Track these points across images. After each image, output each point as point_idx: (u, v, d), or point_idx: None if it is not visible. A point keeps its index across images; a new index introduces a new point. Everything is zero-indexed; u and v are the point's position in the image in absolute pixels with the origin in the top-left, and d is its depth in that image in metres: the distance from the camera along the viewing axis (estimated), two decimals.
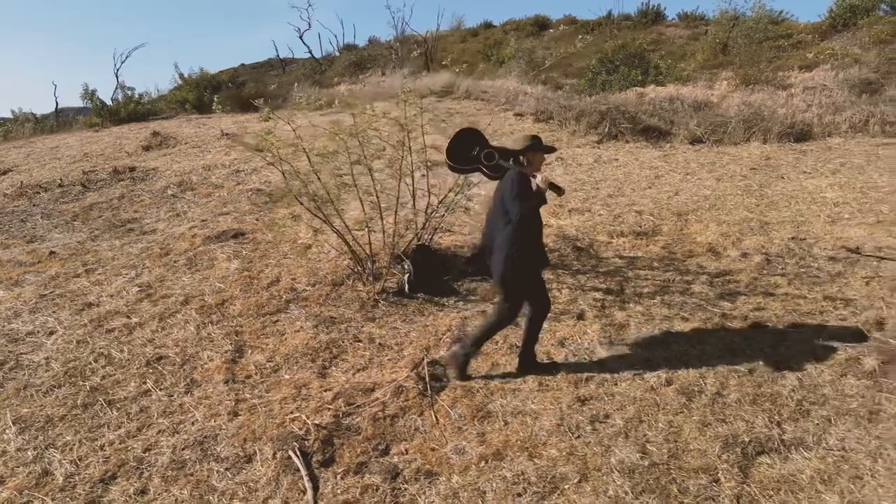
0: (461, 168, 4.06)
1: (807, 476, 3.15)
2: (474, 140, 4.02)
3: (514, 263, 3.69)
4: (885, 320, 4.41)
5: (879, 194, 6.57)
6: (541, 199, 3.64)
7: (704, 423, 3.56)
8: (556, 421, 3.63)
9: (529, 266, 3.78)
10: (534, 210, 3.64)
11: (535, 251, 3.79)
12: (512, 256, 3.68)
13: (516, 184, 3.62)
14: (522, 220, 3.60)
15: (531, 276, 3.84)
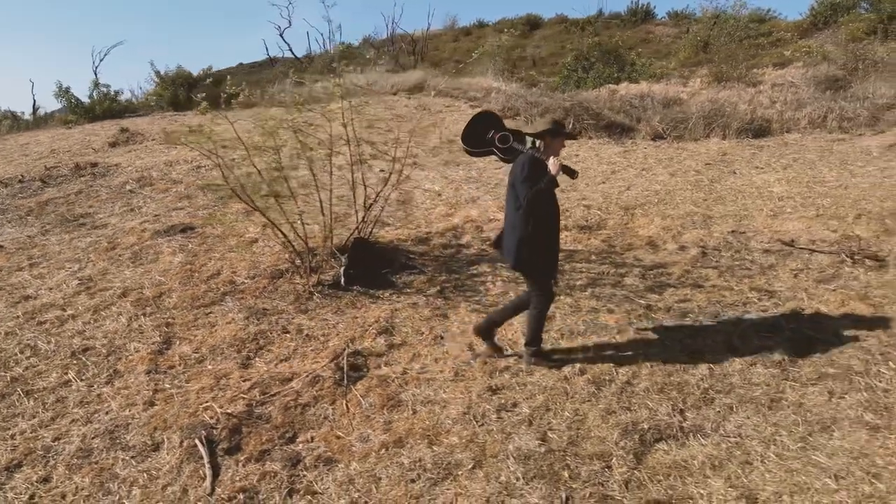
0: (475, 151, 4.03)
1: (698, 462, 3.19)
2: (490, 123, 3.97)
3: (526, 246, 3.67)
4: (803, 311, 4.45)
5: (824, 188, 6.63)
6: (551, 183, 3.57)
7: (609, 411, 3.60)
8: (462, 409, 3.66)
9: (543, 249, 3.73)
10: (544, 194, 3.58)
11: (549, 237, 3.74)
12: (524, 239, 3.66)
13: (526, 167, 3.59)
14: (531, 203, 3.57)
15: (546, 258, 3.78)
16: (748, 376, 3.83)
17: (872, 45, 13.18)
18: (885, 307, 4.37)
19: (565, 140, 3.79)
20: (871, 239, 5.38)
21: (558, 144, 3.72)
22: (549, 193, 3.64)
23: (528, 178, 3.57)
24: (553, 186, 3.61)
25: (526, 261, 3.76)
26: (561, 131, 3.70)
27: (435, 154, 8.72)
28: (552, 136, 3.68)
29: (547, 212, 3.69)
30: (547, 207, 3.68)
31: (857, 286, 4.68)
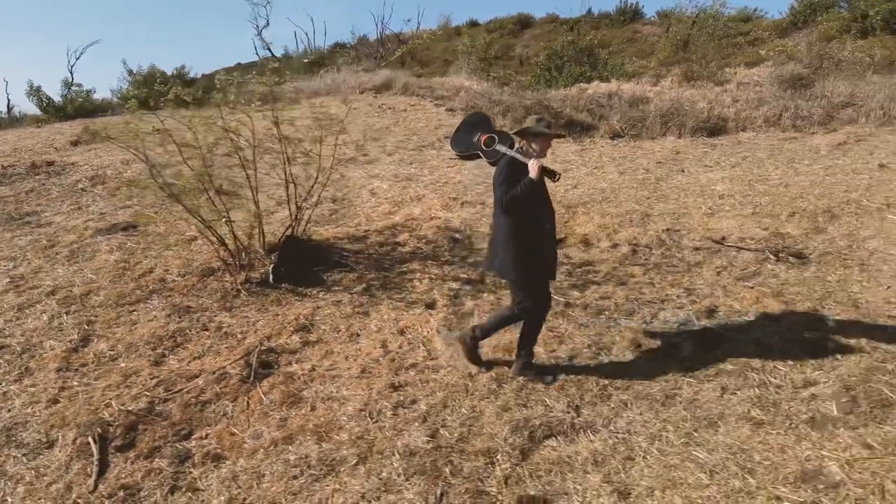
0: (463, 154, 3.87)
1: (582, 458, 3.21)
2: (479, 125, 3.86)
3: (504, 251, 3.54)
4: (717, 308, 4.47)
5: (765, 187, 6.65)
6: (529, 186, 3.36)
7: (506, 408, 3.61)
8: (360, 406, 3.67)
9: (524, 255, 3.53)
10: (523, 197, 3.37)
11: (531, 241, 3.52)
12: (501, 244, 3.54)
13: (504, 169, 3.44)
14: (510, 207, 3.41)
15: (527, 265, 3.56)
16: (649, 373, 3.84)
17: (842, 44, 13.23)
18: (796, 304, 4.39)
19: (551, 140, 3.56)
20: (800, 237, 5.40)
21: (542, 145, 3.51)
22: (533, 196, 3.42)
23: (505, 181, 3.40)
24: (530, 189, 3.38)
25: (504, 267, 3.60)
26: (542, 131, 3.49)
27: (389, 152, 8.72)
28: (533, 135, 3.51)
29: (529, 216, 3.49)
30: (529, 211, 3.47)
31: (775, 283, 4.70)
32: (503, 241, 3.56)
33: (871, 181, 6.42)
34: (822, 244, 5.23)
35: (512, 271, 3.59)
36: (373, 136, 9.70)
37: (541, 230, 3.54)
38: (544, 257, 3.59)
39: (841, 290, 4.55)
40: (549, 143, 3.55)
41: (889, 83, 8.86)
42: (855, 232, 5.37)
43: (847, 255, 5.01)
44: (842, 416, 3.27)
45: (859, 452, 2.99)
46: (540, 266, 3.59)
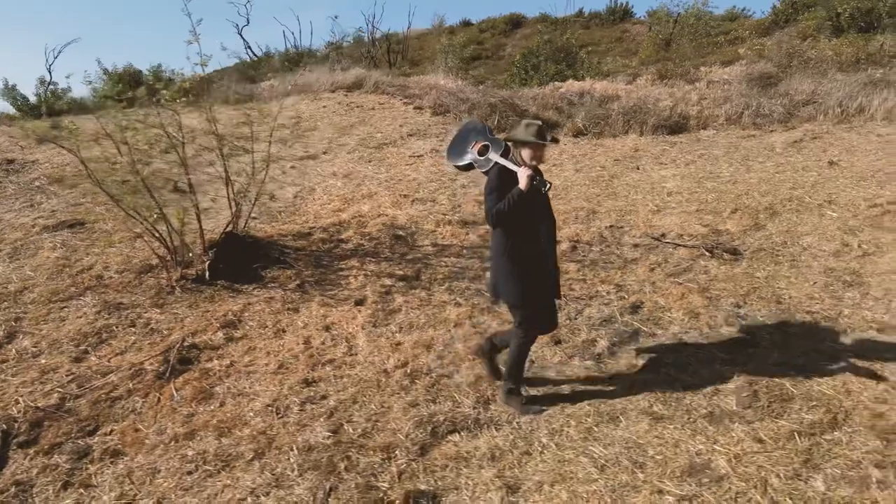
0: (460, 165, 3.51)
1: (481, 453, 3.20)
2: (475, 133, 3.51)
3: (494, 268, 3.32)
4: (643, 304, 4.46)
5: (714, 184, 6.65)
6: (516, 199, 3.06)
7: (415, 403, 3.60)
8: (268, 402, 3.65)
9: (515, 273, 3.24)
10: (508, 211, 3.07)
11: (522, 259, 3.22)
12: (495, 261, 3.29)
13: (492, 179, 3.17)
14: (497, 221, 3.13)
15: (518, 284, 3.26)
16: (562, 369, 3.84)
17: (816, 42, 13.25)
18: (720, 300, 4.39)
19: (541, 148, 3.17)
20: (738, 233, 5.40)
21: (531, 154, 3.16)
22: (524, 208, 3.09)
23: (493, 191, 3.12)
24: (519, 202, 3.06)
25: (495, 285, 3.33)
26: (527, 139, 3.13)
27: (349, 150, 8.71)
28: (522, 144, 3.18)
29: (521, 228, 3.19)
30: (521, 223, 3.17)
31: (704, 280, 4.69)
32: (495, 257, 3.31)
33: (819, 178, 6.43)
34: (758, 241, 5.23)
35: (503, 290, 3.30)
36: (337, 133, 9.68)
37: (536, 244, 3.22)
38: (540, 275, 3.24)
39: (767, 285, 4.55)
40: (539, 151, 3.17)
41: (850, 81, 8.87)
42: (793, 228, 5.37)
43: (780, 251, 5.01)
44: (740, 410, 3.27)
45: (750, 447, 2.99)
46: (535, 285, 3.24)
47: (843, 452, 2.89)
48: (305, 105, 11.70)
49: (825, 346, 3.75)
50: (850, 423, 3.08)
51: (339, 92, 12.17)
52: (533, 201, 3.14)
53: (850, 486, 2.70)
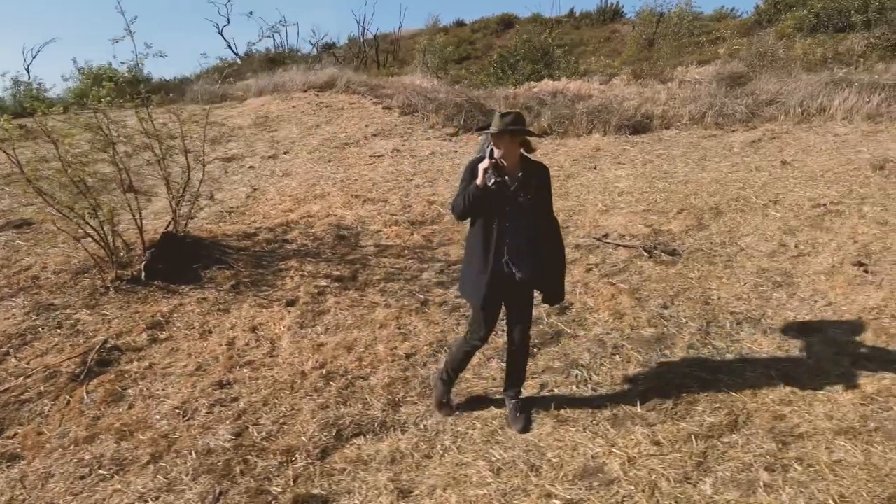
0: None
1: (381, 456, 3.16)
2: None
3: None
4: (571, 305, 4.42)
5: (665, 184, 6.62)
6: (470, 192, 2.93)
7: (325, 406, 3.56)
8: (177, 404, 3.60)
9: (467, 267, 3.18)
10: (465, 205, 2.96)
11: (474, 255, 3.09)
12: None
13: (464, 169, 3.07)
14: (454, 212, 3.07)
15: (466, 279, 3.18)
16: (479, 370, 3.79)
17: (791, 42, 13.24)
18: (649, 301, 4.35)
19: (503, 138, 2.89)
20: (680, 233, 5.37)
21: (495, 144, 2.93)
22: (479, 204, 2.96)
23: (460, 183, 3.05)
24: (470, 195, 2.94)
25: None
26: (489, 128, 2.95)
27: (310, 151, 8.66)
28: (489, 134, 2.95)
29: (477, 225, 3.06)
30: (476, 219, 3.05)
31: (637, 280, 4.66)
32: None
33: (769, 178, 6.40)
34: (698, 241, 5.20)
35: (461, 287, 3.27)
36: (302, 133, 9.63)
37: (486, 241, 3.02)
38: (481, 274, 3.05)
39: (698, 286, 4.51)
40: (500, 142, 2.90)
41: (813, 81, 8.85)
42: (734, 228, 5.34)
43: (717, 251, 4.98)
44: (644, 412, 3.23)
45: (646, 449, 2.95)
46: (474, 283, 3.09)
47: (737, 455, 2.86)
48: (276, 105, 11.65)
49: (742, 347, 3.72)
50: (749, 426, 3.05)
51: (311, 91, 12.13)
52: (493, 196, 2.94)
53: (737, 490, 2.67)
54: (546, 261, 3.07)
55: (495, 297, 3.12)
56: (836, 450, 2.84)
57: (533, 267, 3.05)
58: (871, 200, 5.39)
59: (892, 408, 3.03)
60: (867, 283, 4.18)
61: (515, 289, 3.10)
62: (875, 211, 5.16)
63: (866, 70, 9.26)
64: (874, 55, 10.40)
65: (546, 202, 3.10)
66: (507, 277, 3.05)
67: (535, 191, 3.02)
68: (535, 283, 3.11)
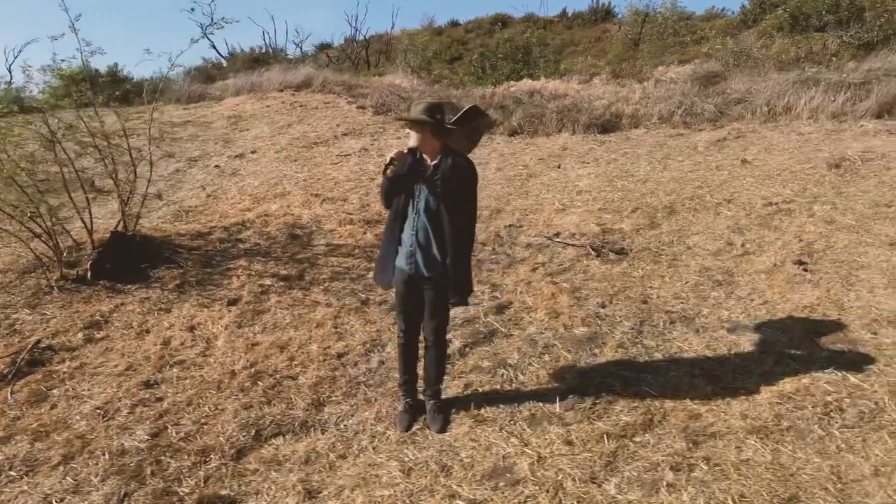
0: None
1: (297, 456, 3.14)
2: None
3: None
4: (511, 304, 4.40)
5: (624, 183, 6.60)
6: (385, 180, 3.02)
7: (249, 405, 3.52)
8: (99, 404, 3.56)
9: (380, 261, 3.23)
10: (383, 191, 3.09)
11: (385, 240, 3.19)
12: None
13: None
14: (382, 201, 3.17)
15: (380, 272, 3.23)
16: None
17: (770, 41, 13.24)
18: (588, 300, 4.33)
19: (411, 126, 2.98)
20: (631, 232, 5.35)
21: (414, 131, 2.98)
22: (399, 192, 3.04)
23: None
24: (384, 184, 3.06)
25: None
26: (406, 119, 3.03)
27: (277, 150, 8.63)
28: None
29: (390, 216, 3.15)
30: (392, 210, 3.11)
31: (580, 280, 4.64)
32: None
33: (728, 177, 6.39)
34: (647, 240, 5.18)
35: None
36: (272, 132, 9.60)
37: (392, 231, 3.11)
38: (389, 262, 3.14)
39: (640, 285, 4.49)
40: (413, 129, 2.96)
41: (782, 80, 8.83)
42: (685, 227, 5.32)
43: (664, 250, 4.96)
44: (562, 412, 3.21)
45: (558, 449, 2.93)
46: (382, 271, 3.20)
47: (646, 455, 2.83)
48: (250, 104, 11.61)
49: (672, 346, 3.70)
50: (664, 426, 3.03)
51: (288, 91, 12.09)
52: (406, 185, 2.99)
53: (640, 490, 2.64)
54: (450, 258, 3.03)
55: (404, 290, 3.15)
56: (746, 449, 2.81)
57: (433, 261, 3.05)
58: (822, 199, 5.37)
59: (806, 407, 3.00)
60: (805, 282, 4.16)
61: (422, 284, 3.09)
62: (825, 210, 5.15)
63: (837, 69, 9.25)
64: (846, 54, 10.40)
65: (459, 198, 3.04)
66: (409, 269, 3.07)
67: (449, 184, 2.97)
68: (436, 279, 3.06)
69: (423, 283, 3.09)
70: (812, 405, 3.01)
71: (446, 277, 3.08)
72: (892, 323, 3.54)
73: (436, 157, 3.06)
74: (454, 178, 3.01)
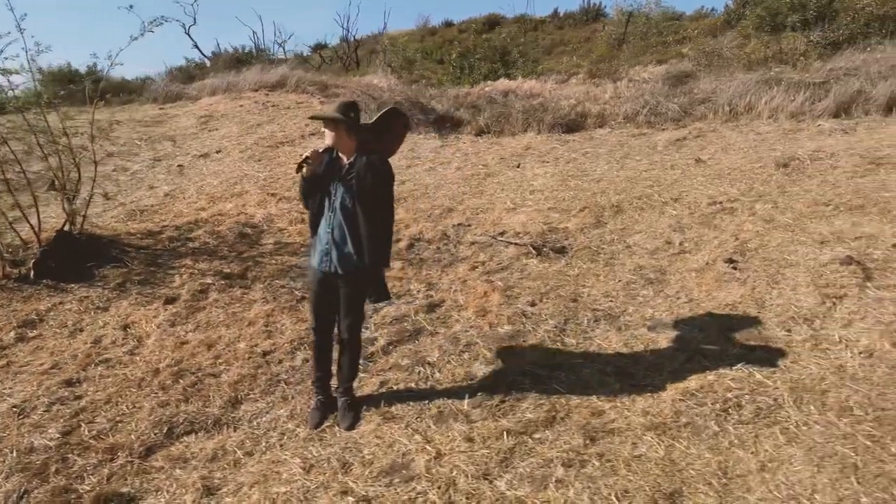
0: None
1: (204, 454, 3.16)
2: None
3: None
4: (443, 303, 4.41)
5: (577, 182, 6.62)
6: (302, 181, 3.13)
7: (166, 403, 3.53)
8: (17, 402, 3.57)
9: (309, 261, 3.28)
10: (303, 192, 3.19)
11: (312, 246, 3.28)
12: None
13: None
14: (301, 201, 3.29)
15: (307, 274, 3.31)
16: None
17: (746, 41, 13.28)
18: (518, 298, 4.35)
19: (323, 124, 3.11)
20: (575, 231, 5.37)
21: (328, 130, 3.09)
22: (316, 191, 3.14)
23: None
24: (302, 183, 3.15)
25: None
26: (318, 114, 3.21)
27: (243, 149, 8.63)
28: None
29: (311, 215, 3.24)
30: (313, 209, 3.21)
31: (515, 278, 4.66)
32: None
33: (681, 176, 6.41)
34: (590, 238, 5.20)
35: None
36: (241, 132, 9.60)
37: (317, 229, 3.21)
38: (312, 263, 3.23)
39: (573, 283, 4.51)
40: (328, 128, 3.08)
41: (746, 79, 8.87)
42: (629, 226, 5.34)
43: (603, 249, 4.98)
44: (469, 409, 3.22)
45: (458, 446, 2.94)
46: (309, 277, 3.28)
47: (542, 451, 2.85)
48: (224, 104, 11.62)
49: (591, 344, 3.72)
50: (565, 422, 3.05)
51: (262, 91, 12.10)
52: (322, 184, 3.08)
53: (530, 485, 2.66)
54: (367, 256, 3.07)
55: (318, 286, 3.20)
56: (641, 445, 2.82)
57: (350, 259, 3.10)
58: (766, 198, 5.40)
59: (707, 403, 3.02)
60: (733, 280, 4.19)
61: (336, 281, 3.13)
62: (766, 209, 5.17)
63: (803, 69, 9.28)
64: (814, 54, 10.44)
65: (376, 196, 3.09)
66: (325, 266, 3.13)
67: (365, 182, 3.03)
68: (353, 277, 3.10)
69: (338, 281, 3.12)
70: (712, 402, 3.02)
71: (362, 275, 3.12)
72: (808, 320, 3.56)
73: (352, 155, 3.10)
74: (369, 177, 3.05)
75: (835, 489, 2.43)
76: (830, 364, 3.15)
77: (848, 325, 3.45)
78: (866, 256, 4.08)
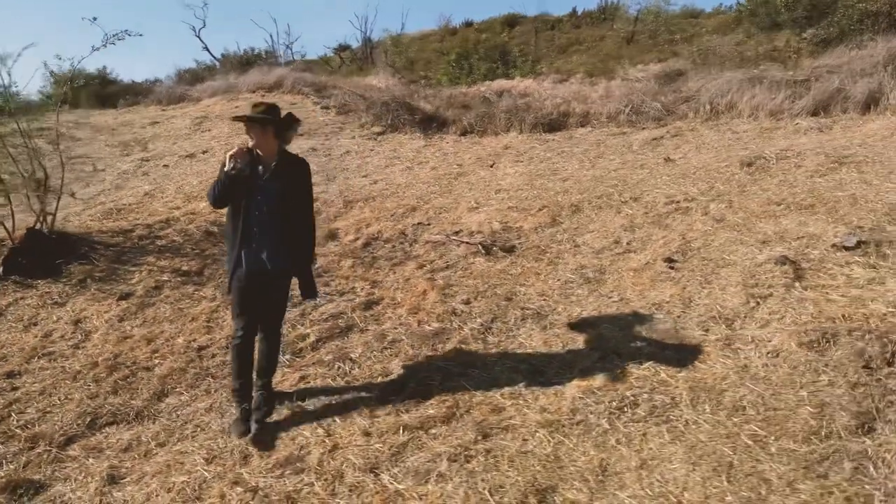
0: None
1: (119, 444, 3.27)
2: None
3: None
4: (381, 300, 4.48)
5: (543, 181, 6.62)
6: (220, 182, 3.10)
7: (95, 395, 3.67)
8: None
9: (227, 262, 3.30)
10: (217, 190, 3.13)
11: (228, 244, 3.27)
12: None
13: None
14: (211, 201, 3.24)
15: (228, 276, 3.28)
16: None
17: (748, 38, 13.08)
18: (454, 297, 4.39)
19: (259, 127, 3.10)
20: (529, 230, 5.39)
21: (251, 132, 3.14)
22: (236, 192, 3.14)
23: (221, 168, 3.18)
24: (220, 184, 3.11)
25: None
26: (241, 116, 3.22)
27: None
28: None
29: (229, 214, 3.24)
30: (231, 208, 3.20)
31: (456, 277, 4.70)
32: None
33: (647, 176, 6.38)
34: (541, 238, 5.21)
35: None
36: (231, 133, 9.79)
37: (237, 228, 3.17)
38: (233, 264, 3.21)
39: (513, 282, 4.54)
40: (252, 130, 3.12)
41: (731, 77, 8.74)
42: (583, 226, 5.34)
43: (551, 248, 4.99)
44: (375, 405, 3.28)
45: (354, 440, 3.01)
46: (231, 269, 3.24)
47: (432, 446, 2.90)
48: (220, 105, 11.84)
49: (513, 343, 3.75)
50: (464, 418, 3.09)
51: (260, 92, 12.30)
52: (244, 184, 3.11)
53: (412, 479, 2.71)
54: (293, 254, 3.21)
55: (245, 287, 3.22)
56: (531, 441, 2.85)
57: (278, 258, 3.19)
58: (723, 198, 5.34)
59: (604, 402, 3.03)
60: (667, 280, 4.17)
61: (264, 279, 3.21)
62: (720, 208, 5.12)
63: (794, 67, 9.12)
64: (806, 52, 10.23)
65: (300, 196, 3.23)
66: (253, 266, 3.18)
67: (289, 182, 3.16)
68: (281, 275, 3.21)
69: (269, 279, 3.21)
70: (610, 400, 3.03)
71: (287, 274, 3.24)
72: (728, 320, 3.53)
73: (274, 156, 3.18)
74: (292, 177, 3.16)
75: (704, 487, 2.43)
76: (735, 364, 3.13)
77: (765, 325, 3.41)
78: (803, 256, 4.02)
